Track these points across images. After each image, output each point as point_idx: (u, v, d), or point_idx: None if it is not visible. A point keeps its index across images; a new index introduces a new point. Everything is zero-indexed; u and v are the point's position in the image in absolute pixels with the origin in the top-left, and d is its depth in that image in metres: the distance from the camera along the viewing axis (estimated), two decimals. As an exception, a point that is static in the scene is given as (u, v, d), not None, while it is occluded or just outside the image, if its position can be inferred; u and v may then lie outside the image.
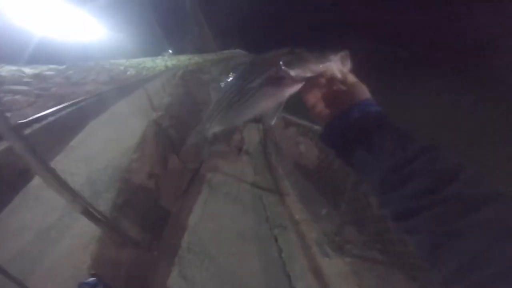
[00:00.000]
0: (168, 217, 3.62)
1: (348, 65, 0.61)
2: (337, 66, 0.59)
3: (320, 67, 0.58)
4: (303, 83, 0.60)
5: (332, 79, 0.60)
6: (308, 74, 0.58)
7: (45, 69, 13.93)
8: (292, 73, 0.57)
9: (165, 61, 26.23)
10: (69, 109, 3.26)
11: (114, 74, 13.85)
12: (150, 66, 18.64)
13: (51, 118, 3.47)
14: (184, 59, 31.35)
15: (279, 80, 0.58)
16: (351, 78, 0.62)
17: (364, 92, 0.60)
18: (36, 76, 10.92)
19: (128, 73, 14.78)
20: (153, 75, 11.75)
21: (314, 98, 0.63)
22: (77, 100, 3.65)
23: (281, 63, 0.57)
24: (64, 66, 9.86)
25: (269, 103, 0.62)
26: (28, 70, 12.90)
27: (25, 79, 9.93)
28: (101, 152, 3.68)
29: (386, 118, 0.54)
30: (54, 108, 2.73)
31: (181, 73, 15.36)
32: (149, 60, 23.77)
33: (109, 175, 3.43)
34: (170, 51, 46.43)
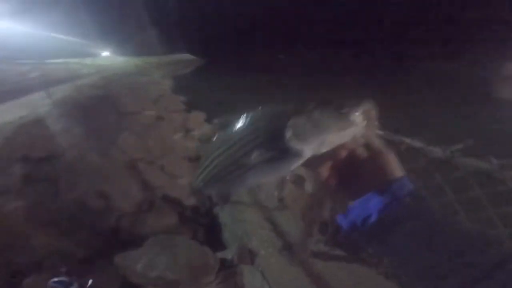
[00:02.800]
0: None
1: (374, 122, 0.46)
2: (360, 129, 0.44)
3: (340, 136, 0.44)
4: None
5: (354, 144, 0.48)
6: (324, 149, 0.43)
7: None
8: (305, 149, 0.42)
9: (95, 62, 22.01)
10: None
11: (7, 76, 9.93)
12: (71, 68, 14.40)
13: None
14: (120, 61, 27.28)
15: (284, 157, 0.43)
16: (377, 144, 0.49)
17: (390, 167, 0.47)
18: None
19: (32, 75, 10.76)
20: (65, 77, 8.63)
21: (328, 171, 0.50)
22: None
23: (287, 136, 0.42)
24: None
25: (269, 179, 0.51)
26: None
27: None
28: None
29: (415, 207, 0.45)
30: None
31: (109, 74, 11.60)
32: (73, 62, 19.64)
33: None
34: (107, 53, 42.14)
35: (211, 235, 2.99)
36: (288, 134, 0.42)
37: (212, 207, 3.38)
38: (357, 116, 0.43)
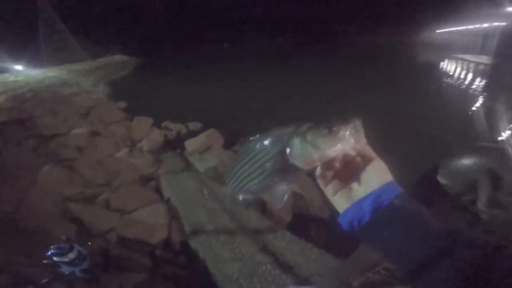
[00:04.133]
0: None
1: (362, 137, 0.52)
2: (350, 144, 0.51)
3: (329, 152, 0.50)
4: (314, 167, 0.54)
5: (345, 156, 0.54)
6: (318, 162, 0.52)
7: None
8: (300, 164, 0.51)
9: (4, 79, 18.44)
10: None
11: None
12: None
13: None
14: (36, 74, 23.21)
15: (286, 169, 0.54)
16: (367, 152, 0.54)
17: (379, 173, 0.52)
18: None
19: None
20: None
21: (325, 179, 0.56)
22: None
23: (287, 151, 0.52)
24: None
25: (276, 187, 0.57)
26: None
27: None
28: None
29: (401, 208, 0.49)
30: None
31: (20, 92, 9.58)
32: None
33: None
34: (20, 67, 36.35)
35: (197, 278, 2.29)
36: (288, 152, 0.51)
37: (186, 240, 2.67)
38: (345, 134, 0.48)
